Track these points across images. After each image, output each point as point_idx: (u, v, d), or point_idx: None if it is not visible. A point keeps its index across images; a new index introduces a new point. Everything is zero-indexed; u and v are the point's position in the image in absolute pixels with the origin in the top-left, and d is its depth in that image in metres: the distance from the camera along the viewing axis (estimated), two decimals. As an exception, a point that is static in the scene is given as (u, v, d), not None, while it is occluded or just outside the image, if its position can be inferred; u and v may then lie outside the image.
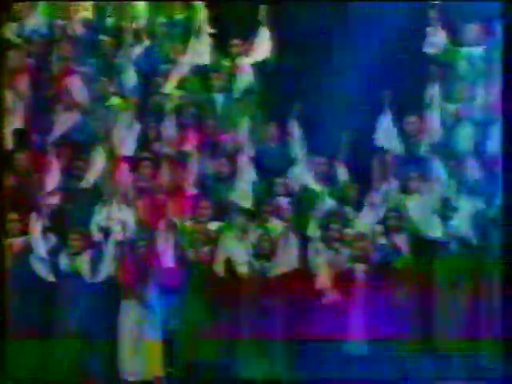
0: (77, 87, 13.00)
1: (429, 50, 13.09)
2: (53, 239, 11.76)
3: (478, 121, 12.86)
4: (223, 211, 12.14)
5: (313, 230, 11.97)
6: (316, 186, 12.33)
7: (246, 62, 13.13)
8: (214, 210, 12.08)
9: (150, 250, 11.77)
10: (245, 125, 12.78)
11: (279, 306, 11.71)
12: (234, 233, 11.88)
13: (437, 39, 13.09)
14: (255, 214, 12.12)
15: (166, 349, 11.51)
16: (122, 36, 13.35)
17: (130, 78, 13.06)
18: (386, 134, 12.69)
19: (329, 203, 12.20)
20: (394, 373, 11.47)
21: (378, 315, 11.76)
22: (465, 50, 13.05)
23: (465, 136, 12.82)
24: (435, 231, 12.00)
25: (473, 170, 12.42)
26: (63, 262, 11.66)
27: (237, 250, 11.82)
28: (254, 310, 11.69)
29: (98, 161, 12.44)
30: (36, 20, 13.32)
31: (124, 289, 11.55)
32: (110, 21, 13.49)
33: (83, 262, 11.74)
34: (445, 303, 11.85)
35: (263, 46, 13.23)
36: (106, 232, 11.90)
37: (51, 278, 11.61)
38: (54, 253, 11.79)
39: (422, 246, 12.03)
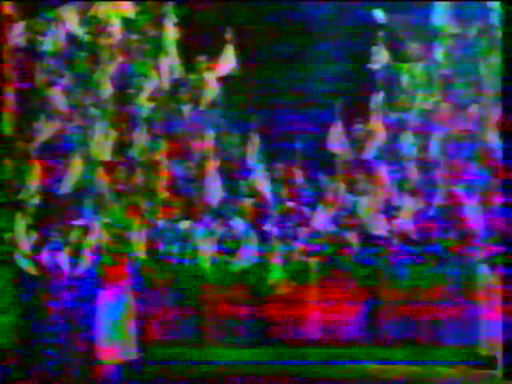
0: (58, 98, 13.01)
1: (374, 65, 13.19)
2: (35, 236, 11.90)
3: (418, 128, 12.92)
4: (192, 211, 12.30)
5: (271, 228, 12.14)
6: (274, 188, 12.44)
7: (211, 77, 13.20)
8: (183, 209, 12.24)
9: (125, 245, 11.84)
10: (211, 134, 12.89)
11: (241, 298, 11.89)
12: (201, 230, 12.08)
13: (381, 56, 13.20)
14: (220, 213, 12.28)
15: (140, 334, 11.67)
16: (98, 52, 13.33)
17: (106, 90, 13.09)
18: (337, 139, 12.74)
19: (286, 203, 12.35)
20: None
21: (331, 306, 11.87)
22: (406, 65, 13.25)
23: (407, 142, 12.90)
24: (380, 228, 12.14)
25: (414, 173, 12.42)
26: (45, 256, 11.80)
27: (204, 246, 12.00)
28: (219, 302, 11.89)
29: (77, 166, 12.41)
30: (22, 35, 13.32)
31: (102, 280, 11.65)
32: (87, 38, 13.47)
33: (63, 257, 11.87)
34: (390, 295, 11.93)
35: (227, 63, 13.27)
36: (85, 230, 11.96)
37: (34, 272, 11.76)
38: (36, 249, 11.89)
39: (370, 241, 12.15)
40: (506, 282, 8.26)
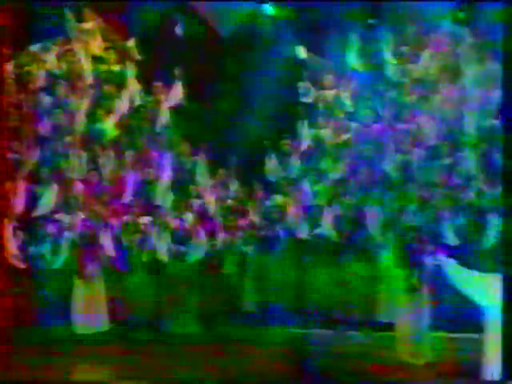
0: (40, 121, 13.15)
1: (301, 97, 13.52)
2: (21, 235, 12.06)
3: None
4: (151, 209, 12.57)
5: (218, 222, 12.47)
6: (217, 191, 12.77)
7: (165, 103, 13.39)
8: (144, 208, 12.51)
9: (95, 241, 12.06)
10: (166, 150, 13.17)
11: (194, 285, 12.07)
12: (158, 224, 12.31)
13: (306, 88, 13.54)
14: (175, 209, 12.52)
15: (113, 310, 11.96)
16: (74, 80, 13.47)
17: (81, 115, 13.27)
18: (271, 170, 13.05)
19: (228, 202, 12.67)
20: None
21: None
22: (323, 93, 13.56)
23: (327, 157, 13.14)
24: (303, 232, 12.30)
25: (334, 183, 12.71)
26: (31, 250, 12.04)
27: (159, 239, 12.19)
28: (174, 284, 12.05)
29: (53, 188, 12.56)
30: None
31: (77, 270, 11.90)
32: (66, 67, 13.57)
33: (46, 251, 12.11)
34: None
35: (176, 94, 13.40)
36: (61, 228, 12.20)
37: (22, 265, 11.92)
38: (23, 245, 12.06)
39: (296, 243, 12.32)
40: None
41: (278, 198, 12.64)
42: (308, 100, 13.57)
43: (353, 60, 13.67)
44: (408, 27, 13.54)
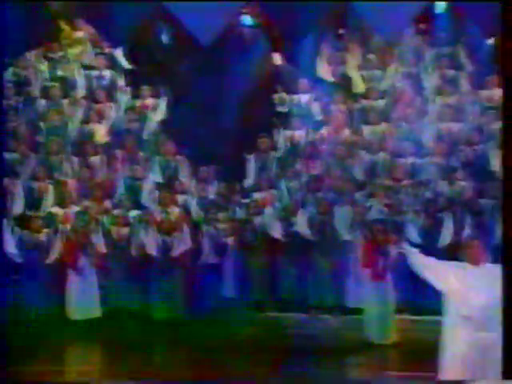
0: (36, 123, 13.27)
1: (276, 101, 13.69)
2: (19, 231, 12.09)
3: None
4: (139, 204, 12.70)
5: (200, 217, 12.53)
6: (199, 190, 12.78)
7: (151, 115, 13.49)
8: (132, 203, 12.61)
9: (86, 236, 12.06)
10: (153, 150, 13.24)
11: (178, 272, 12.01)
12: (144, 219, 12.36)
13: (281, 93, 13.70)
14: (161, 204, 12.49)
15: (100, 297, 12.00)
16: (67, 86, 13.60)
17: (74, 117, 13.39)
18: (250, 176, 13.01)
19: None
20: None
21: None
22: (296, 97, 13.71)
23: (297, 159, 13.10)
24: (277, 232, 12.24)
25: (307, 182, 12.66)
26: (27, 242, 12.06)
27: (145, 232, 12.20)
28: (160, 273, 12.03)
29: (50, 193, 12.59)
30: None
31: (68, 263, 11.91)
32: (59, 73, 13.69)
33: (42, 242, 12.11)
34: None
35: (161, 108, 13.59)
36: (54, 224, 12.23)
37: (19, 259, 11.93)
38: (21, 240, 12.08)
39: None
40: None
41: (257, 195, 12.67)
42: (282, 104, 13.71)
43: (322, 68, 13.85)
44: (373, 37, 13.80)
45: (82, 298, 11.93)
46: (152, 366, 10.29)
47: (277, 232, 12.18)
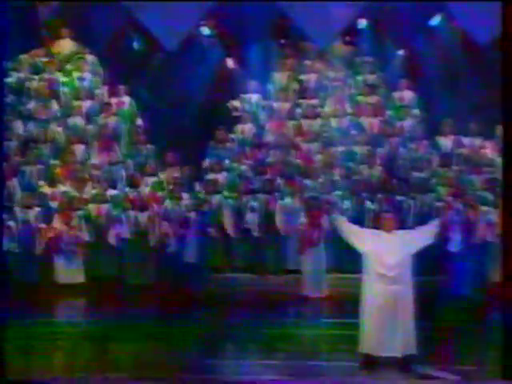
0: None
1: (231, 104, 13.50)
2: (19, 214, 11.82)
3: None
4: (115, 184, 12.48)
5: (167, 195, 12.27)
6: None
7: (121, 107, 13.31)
8: (110, 184, 12.41)
9: (71, 212, 11.80)
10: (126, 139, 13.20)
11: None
12: (120, 197, 12.22)
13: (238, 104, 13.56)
14: (133, 184, 12.37)
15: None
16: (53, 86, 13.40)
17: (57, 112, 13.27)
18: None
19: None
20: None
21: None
22: (247, 96, 13.59)
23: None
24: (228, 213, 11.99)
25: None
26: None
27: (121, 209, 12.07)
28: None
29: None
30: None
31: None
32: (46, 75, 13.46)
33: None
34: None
35: (127, 102, 13.36)
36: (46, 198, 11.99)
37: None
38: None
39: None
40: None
41: (212, 176, 12.62)
42: (236, 101, 13.68)
43: (272, 71, 13.90)
44: (309, 46, 13.83)
45: (69, 267, 11.81)
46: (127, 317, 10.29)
47: (228, 213, 12.07)
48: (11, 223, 11.62)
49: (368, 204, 12.06)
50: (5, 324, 6.74)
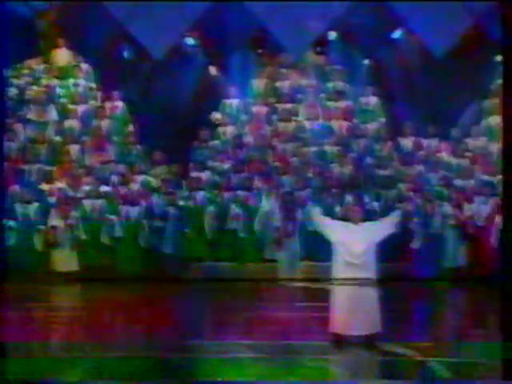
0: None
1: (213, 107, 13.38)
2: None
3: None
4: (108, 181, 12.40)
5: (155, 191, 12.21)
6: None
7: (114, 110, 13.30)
8: (102, 181, 12.32)
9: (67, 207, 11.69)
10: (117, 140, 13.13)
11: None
12: (112, 193, 12.11)
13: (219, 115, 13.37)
14: (124, 182, 12.34)
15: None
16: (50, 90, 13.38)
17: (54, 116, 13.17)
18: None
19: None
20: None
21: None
22: (227, 101, 13.51)
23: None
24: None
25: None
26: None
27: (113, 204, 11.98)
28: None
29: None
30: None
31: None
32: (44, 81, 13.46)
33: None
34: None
35: (119, 107, 13.42)
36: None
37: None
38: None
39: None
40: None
41: (195, 174, 12.55)
42: (217, 113, 13.62)
43: (250, 78, 13.88)
44: (284, 56, 13.84)
45: (64, 255, 11.76)
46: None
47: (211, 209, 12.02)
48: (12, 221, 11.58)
49: (338, 198, 12.15)
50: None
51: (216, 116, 13.28)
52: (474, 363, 7.17)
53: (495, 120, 12.59)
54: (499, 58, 12.23)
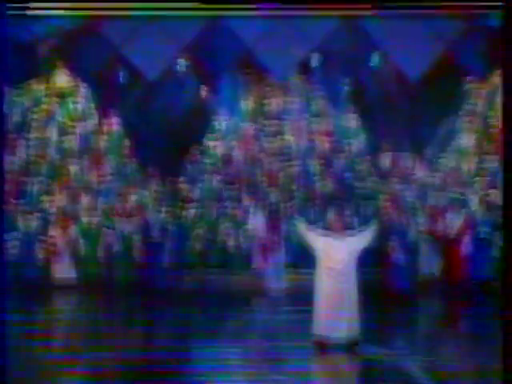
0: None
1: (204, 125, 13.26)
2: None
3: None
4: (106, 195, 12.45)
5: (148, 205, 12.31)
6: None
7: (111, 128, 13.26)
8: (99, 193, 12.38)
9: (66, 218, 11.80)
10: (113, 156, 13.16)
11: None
12: (108, 206, 12.11)
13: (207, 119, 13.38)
14: (120, 195, 12.36)
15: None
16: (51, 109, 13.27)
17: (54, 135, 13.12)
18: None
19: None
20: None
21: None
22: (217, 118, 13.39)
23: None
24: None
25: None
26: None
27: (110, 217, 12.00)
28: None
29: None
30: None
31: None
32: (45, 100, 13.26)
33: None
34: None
35: (116, 125, 13.30)
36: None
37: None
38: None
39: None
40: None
41: (190, 187, 12.54)
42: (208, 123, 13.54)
43: (239, 98, 13.80)
44: (269, 76, 13.60)
45: (63, 266, 11.81)
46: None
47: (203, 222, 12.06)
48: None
49: (320, 211, 12.22)
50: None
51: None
52: (446, 364, 7.30)
53: (465, 140, 12.90)
54: (468, 81, 12.73)
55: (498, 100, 12.43)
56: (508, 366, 5.77)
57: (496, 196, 11.70)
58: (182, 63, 13.61)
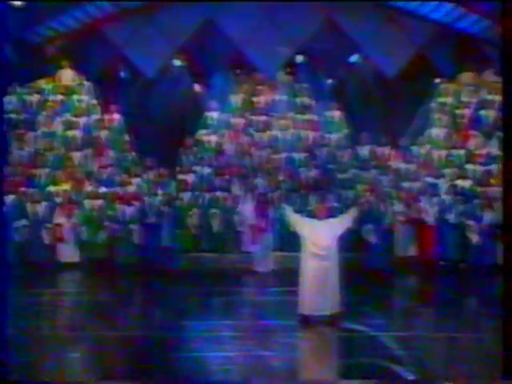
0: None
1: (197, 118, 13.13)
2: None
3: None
4: (107, 183, 12.27)
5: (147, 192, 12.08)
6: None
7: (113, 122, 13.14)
8: (102, 183, 12.18)
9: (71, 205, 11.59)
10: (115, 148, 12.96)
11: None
12: (110, 194, 11.91)
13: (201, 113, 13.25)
14: (122, 184, 12.21)
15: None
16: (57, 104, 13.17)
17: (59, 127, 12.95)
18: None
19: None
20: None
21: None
22: (209, 113, 13.45)
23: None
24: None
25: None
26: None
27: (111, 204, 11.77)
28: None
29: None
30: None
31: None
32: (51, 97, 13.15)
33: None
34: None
35: (117, 119, 13.17)
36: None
37: None
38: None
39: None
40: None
41: (182, 176, 12.39)
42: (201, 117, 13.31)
43: (230, 94, 13.56)
44: (259, 75, 13.62)
45: (68, 249, 11.68)
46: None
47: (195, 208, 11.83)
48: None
49: (305, 198, 12.12)
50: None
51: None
52: (420, 337, 7.28)
53: (436, 131, 12.91)
54: (437, 79, 12.94)
55: (465, 97, 12.87)
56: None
57: (463, 185, 11.81)
58: (177, 62, 13.59)
